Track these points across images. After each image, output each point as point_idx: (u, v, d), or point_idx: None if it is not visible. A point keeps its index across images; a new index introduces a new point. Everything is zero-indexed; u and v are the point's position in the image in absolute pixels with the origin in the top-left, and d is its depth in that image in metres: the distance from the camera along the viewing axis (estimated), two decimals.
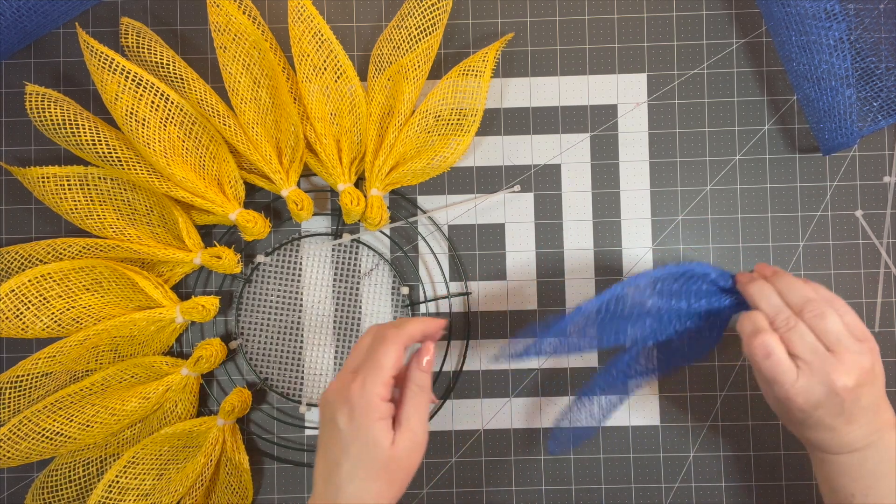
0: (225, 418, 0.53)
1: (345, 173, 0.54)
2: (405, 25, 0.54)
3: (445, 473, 0.56)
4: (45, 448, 0.50)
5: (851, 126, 0.51)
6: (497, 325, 0.57)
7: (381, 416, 0.40)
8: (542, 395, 0.56)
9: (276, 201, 0.57)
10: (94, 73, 0.49)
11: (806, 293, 0.42)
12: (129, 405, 0.52)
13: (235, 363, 0.57)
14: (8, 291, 0.49)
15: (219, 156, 0.53)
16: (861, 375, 0.40)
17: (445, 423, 0.56)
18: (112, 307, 0.53)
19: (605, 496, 0.56)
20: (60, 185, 0.52)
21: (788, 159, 0.57)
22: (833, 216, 0.57)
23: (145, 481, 0.52)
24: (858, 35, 0.53)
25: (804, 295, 0.42)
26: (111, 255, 0.52)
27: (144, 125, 0.49)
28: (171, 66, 0.52)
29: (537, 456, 0.56)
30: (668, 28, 0.57)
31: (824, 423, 0.41)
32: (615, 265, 0.57)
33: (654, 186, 0.57)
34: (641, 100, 0.57)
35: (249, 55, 0.52)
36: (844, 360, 0.40)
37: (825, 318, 0.41)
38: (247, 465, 0.54)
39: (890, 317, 0.56)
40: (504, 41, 0.56)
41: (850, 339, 0.41)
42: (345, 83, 0.54)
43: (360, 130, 0.55)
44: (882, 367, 0.42)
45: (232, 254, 0.54)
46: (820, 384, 0.40)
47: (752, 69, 0.57)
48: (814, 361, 0.40)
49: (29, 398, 0.52)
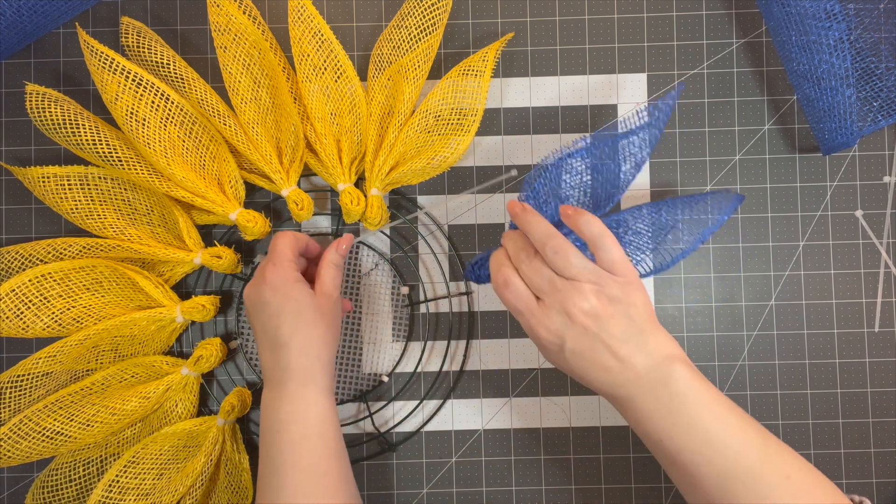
0: (225, 418, 0.53)
1: (345, 173, 0.54)
2: (405, 25, 0.54)
3: (445, 473, 0.56)
4: (45, 447, 0.50)
5: (851, 126, 0.51)
6: (497, 325, 0.57)
7: (298, 279, 0.46)
8: (542, 395, 0.56)
9: (276, 201, 0.57)
10: (94, 73, 0.49)
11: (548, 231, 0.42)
12: (130, 405, 0.52)
13: (235, 363, 0.57)
14: (8, 291, 0.49)
15: (219, 156, 0.53)
16: (602, 303, 0.41)
17: (445, 423, 0.56)
18: (112, 307, 0.53)
19: (604, 496, 0.56)
20: (61, 185, 0.52)
21: (788, 159, 0.57)
22: (833, 216, 0.57)
23: (145, 481, 0.52)
24: (858, 35, 0.53)
25: (546, 232, 0.42)
26: (111, 255, 0.52)
27: (145, 125, 0.50)
28: (171, 66, 0.52)
29: (537, 456, 0.56)
30: (668, 28, 0.57)
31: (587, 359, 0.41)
32: None
33: (654, 186, 0.57)
34: (641, 100, 0.57)
35: (250, 55, 0.52)
36: (581, 288, 0.41)
37: (560, 254, 0.42)
38: (247, 464, 0.54)
39: (890, 317, 0.56)
40: (504, 41, 0.56)
41: (594, 272, 0.41)
42: (345, 83, 0.54)
43: (360, 130, 0.55)
44: (645, 301, 0.42)
45: (232, 253, 0.54)
46: (557, 312, 0.41)
47: (752, 69, 0.57)
48: (549, 291, 0.42)
49: (29, 397, 0.52)
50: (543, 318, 0.42)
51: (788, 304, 0.56)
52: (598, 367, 0.41)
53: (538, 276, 0.42)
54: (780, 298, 0.56)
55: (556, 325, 0.41)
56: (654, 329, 0.42)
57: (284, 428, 0.45)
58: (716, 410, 0.40)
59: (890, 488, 0.56)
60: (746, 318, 0.56)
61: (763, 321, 0.56)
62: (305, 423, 0.45)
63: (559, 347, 0.42)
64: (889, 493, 0.56)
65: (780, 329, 0.56)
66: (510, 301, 0.43)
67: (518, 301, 0.43)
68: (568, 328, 0.41)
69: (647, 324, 0.42)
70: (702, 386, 0.41)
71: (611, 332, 0.41)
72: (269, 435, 0.45)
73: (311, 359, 0.46)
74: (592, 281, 0.41)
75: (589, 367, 0.42)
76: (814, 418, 0.56)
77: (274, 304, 0.45)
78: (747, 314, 0.56)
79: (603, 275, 0.41)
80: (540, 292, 0.42)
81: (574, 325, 0.41)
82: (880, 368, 0.56)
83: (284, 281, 0.46)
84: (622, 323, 0.41)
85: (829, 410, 0.56)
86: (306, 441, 0.44)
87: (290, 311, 0.45)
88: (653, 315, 0.43)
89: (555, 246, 0.42)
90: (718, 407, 0.40)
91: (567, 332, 0.41)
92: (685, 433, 0.40)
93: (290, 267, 0.46)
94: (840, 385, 0.56)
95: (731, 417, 0.40)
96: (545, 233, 0.42)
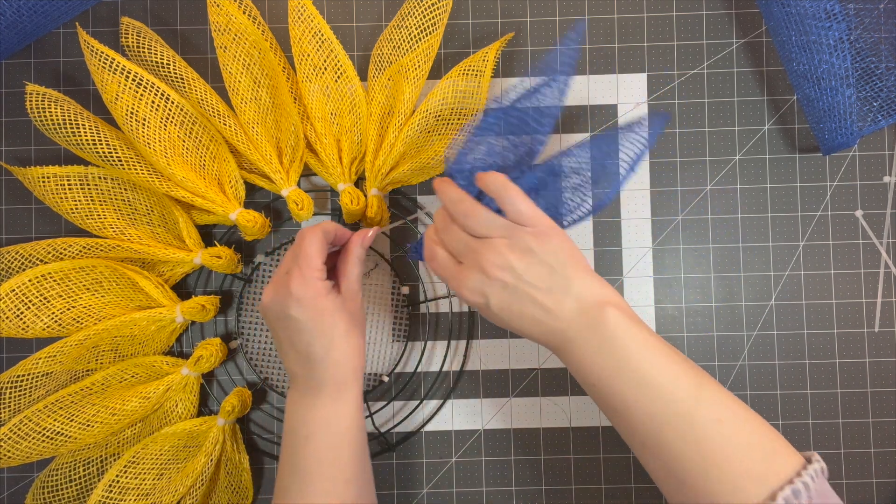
0: (225, 418, 0.53)
1: (345, 173, 0.54)
2: (405, 25, 0.54)
3: (445, 473, 0.56)
4: (45, 447, 0.50)
5: (851, 126, 0.51)
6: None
7: (328, 291, 0.44)
8: (542, 395, 0.56)
9: (276, 201, 0.57)
10: (94, 73, 0.49)
11: (458, 196, 0.43)
12: (130, 405, 0.52)
13: (236, 363, 0.57)
14: (8, 291, 0.49)
15: (219, 155, 0.53)
16: (515, 255, 0.41)
17: (445, 423, 0.56)
18: (112, 307, 0.53)
19: (604, 496, 0.56)
20: (61, 185, 0.52)
21: (788, 159, 0.57)
22: (833, 216, 0.57)
23: (146, 481, 0.52)
24: (858, 35, 0.53)
25: (456, 198, 0.43)
26: (111, 255, 0.52)
27: (145, 125, 0.50)
28: (171, 66, 0.52)
29: (537, 456, 0.56)
30: (668, 28, 0.57)
31: (515, 313, 0.41)
32: (615, 265, 0.57)
33: (654, 186, 0.57)
34: (641, 100, 0.57)
35: (250, 55, 0.52)
36: (493, 244, 0.42)
37: (470, 216, 0.42)
38: (247, 464, 0.54)
39: (890, 317, 0.56)
40: (504, 41, 0.56)
41: (504, 227, 0.42)
42: (345, 83, 0.54)
43: (360, 130, 0.55)
44: (563, 247, 0.42)
45: (232, 253, 0.54)
46: (475, 272, 0.42)
47: (752, 69, 0.57)
48: (466, 252, 0.43)
49: (29, 398, 0.52)
50: (464, 280, 0.42)
51: (788, 304, 0.56)
52: (527, 318, 0.42)
53: (455, 241, 0.43)
54: (780, 298, 0.56)
55: (476, 285, 0.42)
56: (579, 274, 0.42)
57: (314, 435, 0.44)
58: (647, 353, 0.40)
59: (890, 488, 0.56)
60: (746, 318, 0.56)
61: (763, 321, 0.56)
62: (337, 432, 0.44)
63: (486, 305, 0.42)
64: (889, 493, 0.56)
65: (780, 329, 0.56)
66: (437, 271, 0.45)
67: (442, 269, 0.44)
68: (487, 285, 0.42)
69: (569, 269, 0.41)
70: (634, 328, 0.40)
71: (530, 283, 0.41)
72: (295, 439, 0.45)
73: (346, 372, 0.45)
74: (503, 235, 0.42)
75: (518, 319, 0.42)
76: (814, 418, 0.56)
77: (303, 320, 0.43)
78: (747, 314, 0.56)
79: (513, 228, 0.42)
80: (459, 256, 0.43)
81: (492, 281, 0.41)
82: (880, 368, 0.56)
83: (314, 296, 0.43)
84: (541, 272, 0.41)
85: (829, 410, 0.56)
86: (335, 450, 0.44)
87: (323, 327, 0.44)
88: (577, 260, 0.42)
89: (464, 209, 0.43)
90: (650, 349, 0.40)
91: (487, 289, 0.42)
92: (616, 375, 0.40)
93: (318, 278, 0.44)
94: (840, 385, 0.56)
95: (663, 360, 0.40)
96: (455, 198, 0.43)
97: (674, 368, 0.39)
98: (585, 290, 0.41)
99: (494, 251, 0.41)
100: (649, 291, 0.57)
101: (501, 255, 0.41)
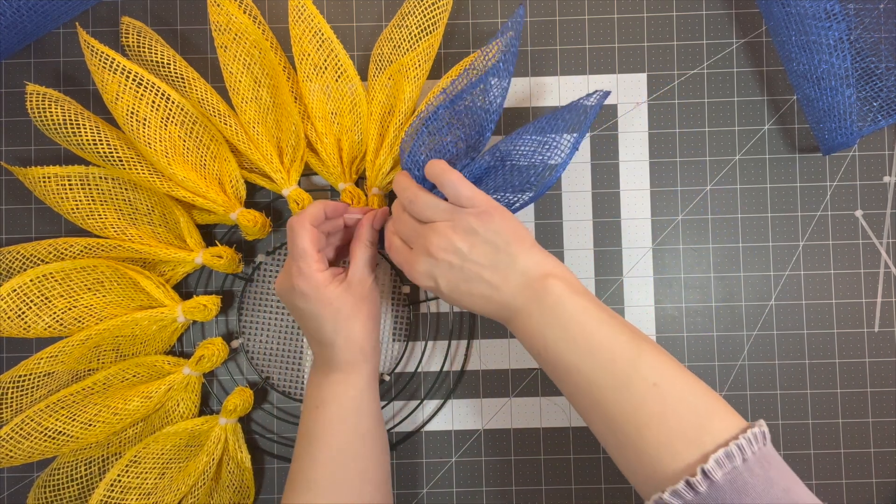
0: (227, 417, 0.53)
1: (345, 172, 0.54)
2: (406, 24, 0.54)
3: (445, 473, 0.56)
4: (47, 447, 0.51)
5: (851, 126, 0.51)
6: (498, 325, 0.57)
7: (328, 281, 0.46)
8: (541, 395, 0.57)
9: (277, 201, 0.57)
10: (94, 73, 0.49)
11: (405, 185, 0.46)
12: (132, 404, 0.52)
13: (237, 362, 0.57)
14: (10, 291, 0.49)
15: (220, 155, 0.54)
16: (459, 236, 0.43)
17: (445, 423, 0.57)
18: (114, 307, 0.53)
19: (604, 496, 0.56)
20: (61, 185, 0.52)
21: (788, 159, 0.57)
22: (833, 216, 0.57)
23: (147, 480, 0.52)
24: (858, 35, 0.53)
25: (403, 186, 0.46)
26: (112, 255, 0.52)
27: (145, 125, 0.50)
28: (171, 66, 0.52)
29: (537, 456, 0.56)
30: (668, 28, 0.57)
31: (464, 292, 0.43)
32: (615, 265, 0.57)
33: (654, 186, 0.57)
34: (641, 100, 0.57)
35: (250, 54, 0.52)
36: (437, 227, 0.44)
37: (415, 202, 0.45)
38: (249, 463, 0.55)
39: (890, 317, 0.56)
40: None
41: (446, 210, 0.44)
42: (345, 82, 0.54)
43: (360, 129, 0.55)
44: (506, 225, 0.43)
45: (233, 253, 0.54)
46: (424, 255, 0.44)
47: (752, 69, 0.57)
48: (414, 238, 0.45)
49: (31, 397, 0.52)
50: (415, 264, 0.45)
51: (788, 304, 0.56)
52: (476, 296, 0.44)
53: (406, 228, 0.46)
54: (779, 298, 0.57)
55: (425, 267, 0.44)
56: (524, 250, 0.43)
57: (324, 405, 0.47)
58: (588, 321, 0.41)
59: (890, 488, 0.56)
60: (746, 318, 0.56)
61: (763, 321, 0.56)
62: (345, 401, 0.47)
63: (436, 286, 0.44)
64: (889, 493, 0.56)
65: (779, 329, 0.56)
66: (394, 258, 0.47)
67: (397, 255, 0.47)
68: (435, 267, 0.44)
69: (513, 246, 0.43)
70: (576, 297, 0.42)
71: (476, 261, 0.43)
72: (308, 411, 0.48)
73: (354, 353, 0.47)
74: (445, 219, 0.44)
75: (469, 298, 0.44)
76: (813, 418, 0.56)
77: (308, 310, 0.46)
78: (747, 314, 0.57)
79: (455, 210, 0.44)
80: (410, 242, 0.46)
81: (439, 263, 0.44)
82: (880, 368, 0.56)
83: (315, 288, 0.45)
84: (485, 250, 0.43)
85: (828, 410, 0.56)
86: (341, 422, 0.47)
87: (327, 315, 0.46)
88: (521, 236, 0.43)
89: (410, 196, 0.45)
90: (591, 317, 0.41)
91: (436, 271, 0.44)
92: (559, 343, 0.41)
93: (318, 269, 0.46)
94: (840, 385, 0.56)
95: (603, 328, 0.41)
96: (402, 187, 0.46)
97: (613, 335, 0.41)
98: (531, 264, 0.43)
99: (439, 234, 0.43)
100: (649, 291, 0.57)
101: (446, 237, 0.43)
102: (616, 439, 0.40)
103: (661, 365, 0.40)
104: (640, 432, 0.38)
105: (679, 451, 0.37)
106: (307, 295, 0.45)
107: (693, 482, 0.36)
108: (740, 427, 0.38)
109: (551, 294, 0.42)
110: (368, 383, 0.48)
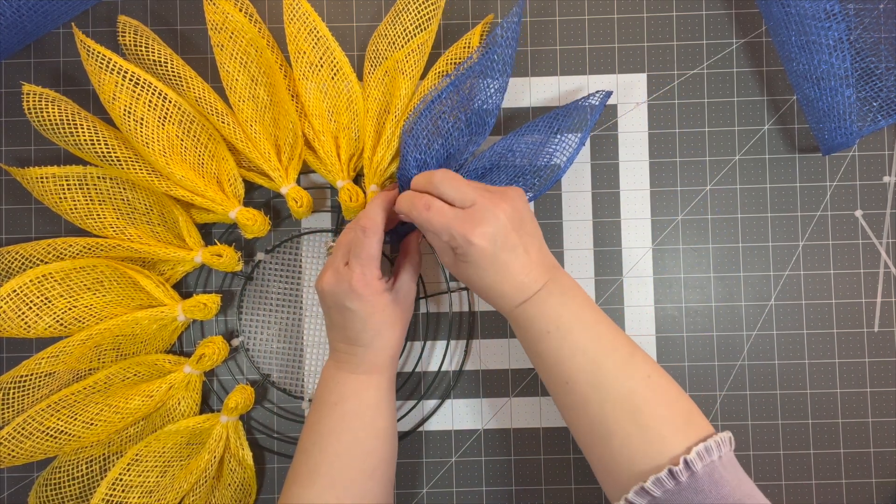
0: (229, 415, 0.54)
1: (343, 170, 0.54)
2: (400, 21, 0.54)
3: (445, 473, 0.56)
4: (48, 446, 0.51)
5: (851, 126, 0.51)
6: (497, 324, 0.57)
7: (383, 291, 0.47)
8: (541, 395, 0.57)
9: (275, 199, 0.57)
10: (91, 73, 0.49)
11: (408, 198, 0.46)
12: (133, 403, 0.52)
13: (237, 361, 0.57)
14: (10, 292, 0.49)
15: (218, 154, 0.54)
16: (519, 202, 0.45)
17: (445, 423, 0.57)
18: (114, 306, 0.53)
19: (604, 496, 0.56)
20: (60, 185, 0.52)
21: (788, 159, 0.57)
22: (833, 216, 0.57)
23: (149, 478, 0.52)
24: (858, 35, 0.53)
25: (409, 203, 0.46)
26: (112, 255, 0.52)
27: (142, 124, 0.50)
28: (169, 65, 0.52)
29: (537, 456, 0.56)
30: (668, 28, 0.57)
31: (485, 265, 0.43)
32: (615, 265, 0.57)
33: (654, 186, 0.57)
34: (641, 100, 0.57)
35: (247, 53, 0.52)
36: (506, 193, 0.45)
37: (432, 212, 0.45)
38: (250, 461, 0.55)
39: (890, 317, 0.56)
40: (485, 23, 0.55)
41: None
42: (341, 80, 0.54)
43: (357, 127, 0.55)
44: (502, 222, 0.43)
45: (232, 252, 0.54)
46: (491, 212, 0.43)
47: (752, 69, 0.57)
48: (480, 195, 0.44)
49: (32, 397, 0.52)
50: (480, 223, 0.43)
51: (788, 304, 0.56)
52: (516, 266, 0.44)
53: (454, 192, 0.45)
54: (779, 298, 0.56)
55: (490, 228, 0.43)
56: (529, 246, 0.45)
57: (343, 401, 0.48)
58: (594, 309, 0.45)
59: (890, 488, 0.56)
60: (746, 318, 0.56)
61: (763, 321, 0.56)
62: (364, 401, 0.48)
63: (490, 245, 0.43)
64: (889, 493, 0.56)
65: (779, 329, 0.56)
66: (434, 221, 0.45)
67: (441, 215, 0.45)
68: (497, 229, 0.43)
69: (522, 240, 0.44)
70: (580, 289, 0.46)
71: (526, 231, 0.45)
72: (322, 406, 0.48)
73: (385, 358, 0.49)
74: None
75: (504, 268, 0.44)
76: (813, 418, 0.56)
77: (359, 312, 0.47)
78: (747, 314, 0.56)
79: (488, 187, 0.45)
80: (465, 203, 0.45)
81: (500, 223, 0.43)
82: (880, 368, 0.56)
83: (372, 294, 0.46)
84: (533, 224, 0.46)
85: (828, 410, 0.56)
86: (358, 419, 0.47)
87: (376, 321, 0.47)
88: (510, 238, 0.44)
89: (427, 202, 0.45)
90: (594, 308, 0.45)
91: (497, 231, 0.43)
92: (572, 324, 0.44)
93: (377, 276, 0.47)
94: (840, 385, 0.56)
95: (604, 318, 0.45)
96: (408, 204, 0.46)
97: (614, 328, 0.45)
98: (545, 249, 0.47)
99: (506, 199, 0.44)
100: (649, 291, 0.57)
101: (511, 202, 0.44)
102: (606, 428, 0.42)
103: (652, 362, 0.44)
104: (634, 417, 0.41)
105: (667, 438, 0.40)
106: (363, 298, 0.46)
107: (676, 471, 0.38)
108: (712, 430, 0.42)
109: (567, 279, 0.45)
110: (390, 385, 0.50)
